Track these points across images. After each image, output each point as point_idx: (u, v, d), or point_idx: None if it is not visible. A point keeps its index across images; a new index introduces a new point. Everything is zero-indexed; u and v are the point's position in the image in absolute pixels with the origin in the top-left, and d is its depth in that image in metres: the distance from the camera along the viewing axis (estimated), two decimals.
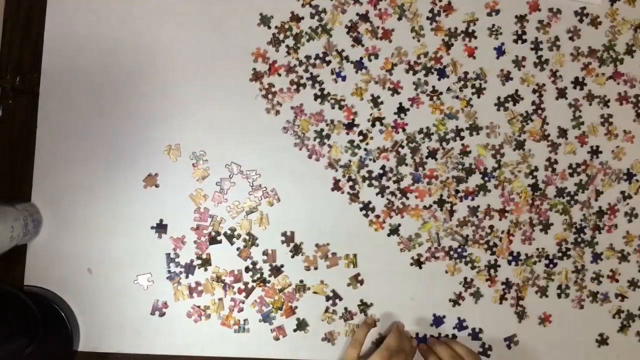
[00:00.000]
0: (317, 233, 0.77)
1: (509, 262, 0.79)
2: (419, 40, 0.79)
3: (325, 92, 0.78)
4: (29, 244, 0.74)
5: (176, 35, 0.77)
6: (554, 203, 0.79)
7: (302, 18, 0.78)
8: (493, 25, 0.80)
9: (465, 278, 0.78)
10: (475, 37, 0.79)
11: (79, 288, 0.75)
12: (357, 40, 0.78)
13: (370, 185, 0.78)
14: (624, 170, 0.80)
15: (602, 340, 0.79)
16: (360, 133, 0.78)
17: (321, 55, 0.78)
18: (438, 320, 0.78)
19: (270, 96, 0.77)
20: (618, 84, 0.81)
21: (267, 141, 0.77)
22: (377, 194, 0.78)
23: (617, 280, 0.80)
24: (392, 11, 0.79)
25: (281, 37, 0.78)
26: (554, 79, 0.80)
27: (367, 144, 0.78)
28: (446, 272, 0.78)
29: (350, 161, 0.78)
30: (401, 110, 0.78)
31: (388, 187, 0.78)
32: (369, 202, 0.78)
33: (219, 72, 0.77)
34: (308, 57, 0.78)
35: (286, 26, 0.78)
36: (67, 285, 0.75)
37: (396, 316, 0.77)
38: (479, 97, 0.79)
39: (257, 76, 0.77)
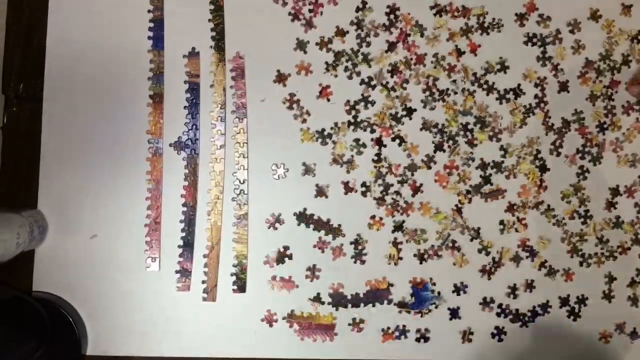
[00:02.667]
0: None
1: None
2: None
3: (359, 119, 0.78)
4: (36, 250, 0.75)
5: (179, 39, 0.77)
6: (567, 193, 0.79)
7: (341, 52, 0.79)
8: (493, 19, 0.80)
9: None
10: (484, 34, 0.80)
11: (86, 293, 0.75)
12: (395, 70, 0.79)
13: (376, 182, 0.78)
14: (629, 158, 0.80)
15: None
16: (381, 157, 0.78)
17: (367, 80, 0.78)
18: None
19: (295, 105, 0.78)
20: (616, 92, 0.80)
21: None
22: (381, 192, 0.78)
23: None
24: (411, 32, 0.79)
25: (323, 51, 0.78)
26: (555, 72, 0.80)
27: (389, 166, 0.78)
28: (454, 264, 0.78)
29: (352, 156, 0.78)
30: (410, 112, 0.79)
31: (392, 185, 0.78)
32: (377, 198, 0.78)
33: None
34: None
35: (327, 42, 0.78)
36: (75, 290, 0.75)
37: None
38: (488, 94, 0.79)
39: (280, 78, 0.78)
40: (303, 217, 0.77)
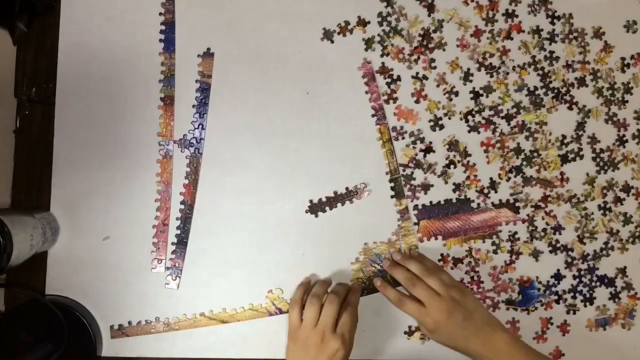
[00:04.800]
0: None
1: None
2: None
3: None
4: (49, 253, 0.75)
5: (190, 41, 0.78)
6: (587, 193, 0.80)
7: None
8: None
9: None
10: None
11: (99, 294, 0.76)
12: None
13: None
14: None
15: None
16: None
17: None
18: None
19: None
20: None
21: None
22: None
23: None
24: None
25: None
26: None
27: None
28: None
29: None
30: (476, 95, 0.79)
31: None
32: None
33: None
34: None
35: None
36: (87, 291, 0.76)
37: None
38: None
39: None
40: (317, 206, 0.78)
